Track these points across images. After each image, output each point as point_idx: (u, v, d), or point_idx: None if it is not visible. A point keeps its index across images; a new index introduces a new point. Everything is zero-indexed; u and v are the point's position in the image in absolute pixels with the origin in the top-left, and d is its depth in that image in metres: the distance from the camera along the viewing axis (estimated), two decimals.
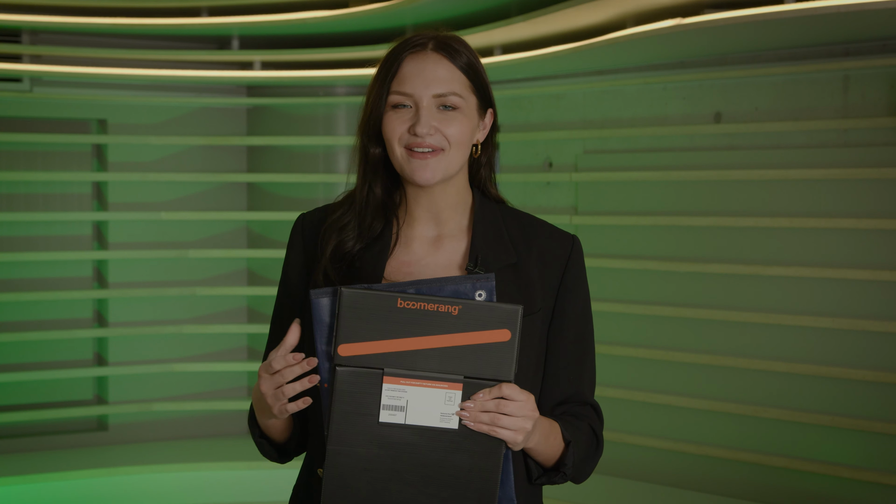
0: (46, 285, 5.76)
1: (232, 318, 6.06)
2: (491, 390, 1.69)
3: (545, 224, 1.95)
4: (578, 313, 1.93)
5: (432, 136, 1.84)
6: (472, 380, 1.70)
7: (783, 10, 3.74)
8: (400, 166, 1.86)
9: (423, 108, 1.84)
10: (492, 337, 1.69)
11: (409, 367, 1.69)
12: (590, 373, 1.95)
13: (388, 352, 1.69)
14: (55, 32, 5.58)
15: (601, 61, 4.85)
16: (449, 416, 1.70)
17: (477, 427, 1.69)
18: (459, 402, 1.70)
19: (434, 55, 1.86)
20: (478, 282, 1.73)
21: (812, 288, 4.38)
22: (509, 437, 1.70)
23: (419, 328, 1.69)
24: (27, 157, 5.77)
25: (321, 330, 1.73)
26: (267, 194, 6.03)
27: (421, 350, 1.69)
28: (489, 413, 1.69)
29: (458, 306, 1.69)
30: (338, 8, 5.04)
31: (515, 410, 1.69)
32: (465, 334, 1.69)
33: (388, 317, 1.69)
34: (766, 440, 4.48)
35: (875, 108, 4.26)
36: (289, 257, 1.97)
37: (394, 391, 1.70)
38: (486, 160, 1.95)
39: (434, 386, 1.70)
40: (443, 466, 1.71)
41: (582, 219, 5.05)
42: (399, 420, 1.70)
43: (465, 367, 1.69)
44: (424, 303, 1.69)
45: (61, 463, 5.34)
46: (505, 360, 1.70)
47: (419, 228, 1.92)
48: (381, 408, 1.70)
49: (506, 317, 1.69)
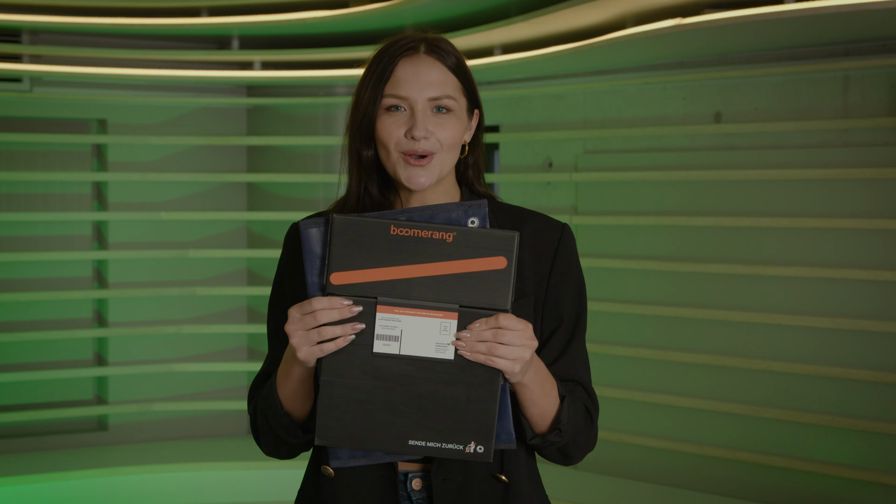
0: (46, 285, 5.76)
1: (232, 318, 6.06)
2: (488, 320, 1.66)
3: (535, 213, 1.96)
4: (571, 298, 1.92)
5: (428, 141, 1.84)
6: (467, 309, 1.66)
7: (783, 10, 3.74)
8: (394, 170, 1.86)
9: (418, 111, 1.84)
10: (488, 265, 1.66)
11: (404, 296, 1.66)
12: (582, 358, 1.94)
13: (382, 280, 1.66)
14: (55, 32, 5.58)
15: (601, 61, 4.85)
16: (444, 346, 1.67)
17: (473, 357, 1.66)
18: (455, 331, 1.66)
19: (427, 58, 1.86)
20: (470, 208, 1.71)
21: (812, 288, 4.38)
22: (507, 367, 1.67)
23: (413, 256, 1.65)
24: (27, 157, 5.77)
25: (312, 261, 1.70)
26: (267, 194, 6.03)
27: (415, 278, 1.66)
28: (486, 342, 1.66)
29: (452, 233, 1.66)
30: (338, 8, 5.04)
31: (513, 339, 1.66)
32: (460, 262, 1.66)
33: (381, 244, 1.65)
34: (766, 440, 4.48)
35: (875, 108, 4.26)
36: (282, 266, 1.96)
37: (388, 321, 1.66)
38: (473, 161, 1.96)
39: (429, 315, 1.66)
40: (438, 398, 1.67)
41: (582, 219, 5.05)
42: (394, 350, 1.66)
43: (460, 295, 1.66)
44: (418, 229, 1.66)
45: (61, 463, 5.34)
46: (501, 289, 1.66)
47: None
48: (374, 338, 1.66)
49: (502, 243, 1.66)
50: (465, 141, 1.92)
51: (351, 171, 1.92)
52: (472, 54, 5.14)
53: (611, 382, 4.93)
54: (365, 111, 1.87)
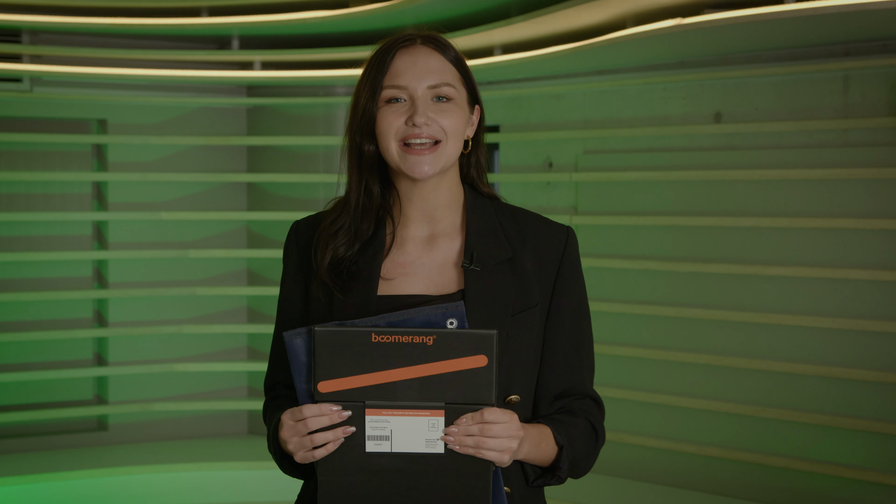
0: (46, 285, 5.75)
1: (232, 318, 6.06)
2: (474, 415, 1.70)
3: (539, 217, 1.96)
4: (575, 305, 1.93)
5: (429, 127, 1.83)
6: (453, 405, 1.70)
7: (783, 10, 3.74)
8: (395, 162, 1.86)
9: (418, 98, 1.84)
10: (469, 363, 1.70)
11: (390, 398, 1.70)
12: (588, 363, 1.95)
13: (368, 385, 1.70)
14: (55, 32, 5.58)
15: (601, 61, 4.85)
16: (434, 442, 1.71)
17: (462, 450, 1.70)
18: (443, 427, 1.71)
19: (424, 48, 1.87)
20: (448, 310, 1.74)
21: (812, 288, 4.38)
22: (496, 458, 1.71)
23: (396, 360, 1.70)
24: (27, 157, 5.77)
25: (299, 369, 1.75)
26: (267, 194, 6.03)
27: (400, 381, 1.70)
28: (473, 437, 1.70)
29: (432, 336, 1.70)
30: (338, 8, 5.04)
31: (500, 432, 1.70)
32: (442, 363, 1.70)
33: (364, 352, 1.70)
34: (766, 440, 4.47)
35: (875, 108, 4.26)
36: (286, 269, 1.97)
37: (377, 422, 1.71)
38: (476, 159, 1.96)
39: (416, 414, 1.71)
40: (432, 489, 1.72)
41: (582, 219, 5.05)
42: (385, 449, 1.71)
43: (445, 393, 1.70)
44: (399, 335, 1.70)
45: (61, 463, 5.34)
46: (484, 385, 1.70)
47: (413, 228, 1.92)
48: (366, 438, 1.71)
49: (481, 342, 1.70)
50: (469, 136, 1.92)
51: (351, 171, 1.91)
52: (472, 54, 5.14)
53: (611, 382, 4.93)
54: (365, 106, 1.87)
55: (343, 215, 1.90)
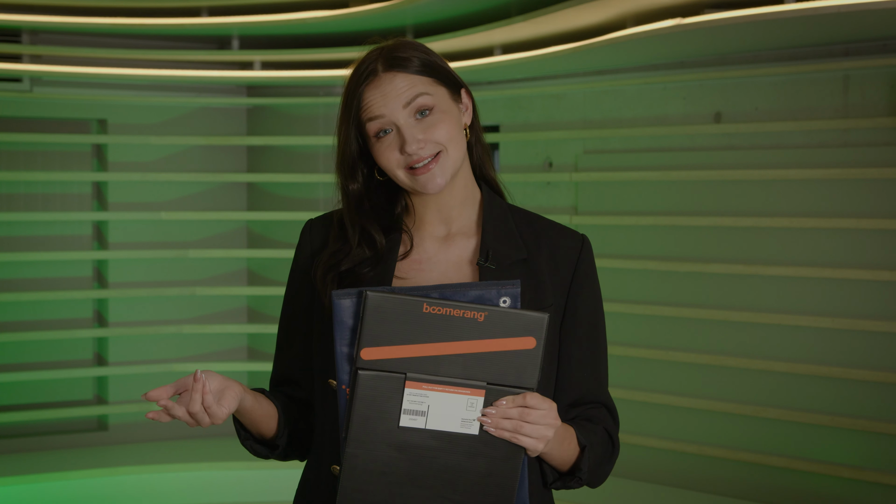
0: (46, 285, 5.75)
1: (232, 318, 6.06)
2: (514, 398, 1.68)
3: (554, 223, 1.96)
4: (590, 311, 1.93)
5: (424, 149, 1.83)
6: (495, 386, 1.68)
7: (783, 10, 3.74)
8: (409, 186, 1.86)
9: (402, 126, 1.83)
10: (516, 344, 1.68)
11: (432, 373, 1.67)
12: (603, 372, 1.95)
13: (412, 356, 1.67)
14: (55, 32, 5.58)
15: (601, 61, 4.85)
16: (470, 422, 1.68)
17: (499, 433, 1.68)
18: (481, 408, 1.68)
19: (386, 75, 1.85)
20: (503, 288, 1.72)
21: (812, 288, 4.38)
22: (530, 445, 1.70)
23: (443, 333, 1.67)
24: (27, 157, 5.77)
25: (342, 332, 1.71)
26: (267, 194, 6.03)
27: (444, 356, 1.67)
28: (511, 420, 1.68)
29: (484, 313, 1.67)
30: (338, 8, 5.04)
31: (539, 419, 1.68)
32: (489, 341, 1.67)
33: (412, 321, 1.66)
34: (766, 440, 4.47)
35: (875, 108, 4.26)
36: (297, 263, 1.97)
37: (415, 396, 1.68)
38: (476, 139, 1.95)
39: (456, 392, 1.68)
40: (461, 471, 1.69)
41: (582, 219, 5.05)
42: (419, 425, 1.68)
43: (488, 373, 1.68)
44: (451, 308, 1.67)
45: (61, 463, 5.34)
46: (529, 368, 1.68)
47: (429, 228, 1.92)
48: (401, 412, 1.68)
49: (532, 325, 1.67)
50: (466, 124, 1.92)
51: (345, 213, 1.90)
52: (472, 54, 5.14)
53: (611, 382, 4.88)
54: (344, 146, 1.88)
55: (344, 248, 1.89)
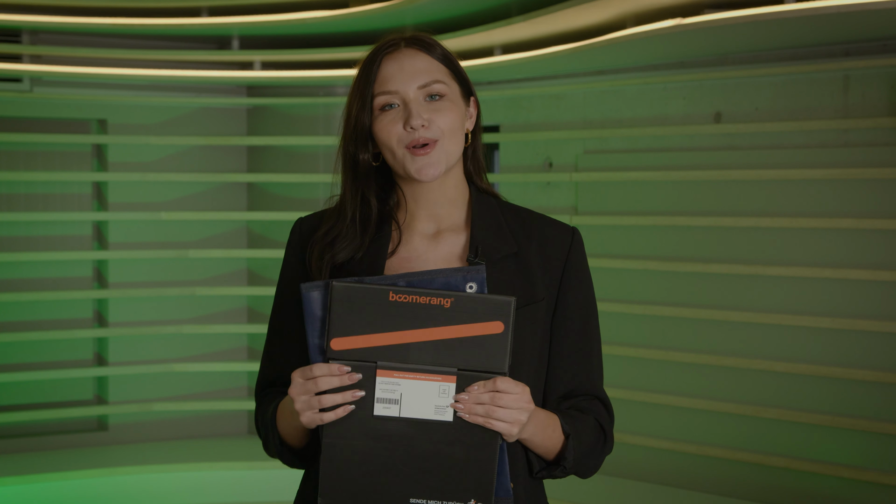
0: (46, 285, 5.75)
1: (232, 318, 6.06)
2: (486, 383, 1.69)
3: (543, 216, 1.96)
4: (581, 303, 1.92)
5: (426, 129, 1.83)
6: (465, 372, 1.69)
7: (783, 10, 3.74)
8: (402, 167, 1.85)
9: (411, 101, 1.84)
10: (485, 329, 1.69)
11: (403, 360, 1.69)
12: (596, 364, 1.94)
13: (381, 345, 1.69)
14: (55, 32, 5.58)
15: (601, 61, 4.85)
16: (443, 409, 1.70)
17: (472, 419, 1.69)
18: (454, 394, 1.69)
19: (409, 50, 1.87)
20: (468, 274, 1.72)
21: (812, 288, 4.38)
22: (504, 429, 1.70)
23: (411, 321, 1.68)
24: (27, 157, 5.77)
25: (313, 324, 1.72)
26: (267, 194, 6.03)
27: (414, 343, 1.69)
28: (484, 405, 1.68)
29: (450, 298, 1.68)
30: (338, 8, 5.04)
31: (511, 402, 1.69)
32: (457, 327, 1.69)
33: (380, 310, 1.68)
34: (766, 440, 4.48)
35: (875, 108, 4.26)
36: (287, 261, 1.96)
37: (387, 384, 1.69)
38: (472, 151, 1.95)
39: (428, 378, 1.69)
40: (438, 458, 1.70)
41: (582, 219, 5.05)
42: (393, 413, 1.69)
43: (458, 359, 1.69)
44: (416, 295, 1.68)
45: (61, 463, 5.34)
46: (498, 352, 1.69)
47: (418, 225, 1.92)
48: (375, 401, 1.69)
49: (498, 308, 1.69)
50: (468, 130, 1.92)
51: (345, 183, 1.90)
52: (472, 54, 5.14)
53: (610, 382, 4.90)
54: (357, 116, 1.87)
55: (338, 224, 1.89)
